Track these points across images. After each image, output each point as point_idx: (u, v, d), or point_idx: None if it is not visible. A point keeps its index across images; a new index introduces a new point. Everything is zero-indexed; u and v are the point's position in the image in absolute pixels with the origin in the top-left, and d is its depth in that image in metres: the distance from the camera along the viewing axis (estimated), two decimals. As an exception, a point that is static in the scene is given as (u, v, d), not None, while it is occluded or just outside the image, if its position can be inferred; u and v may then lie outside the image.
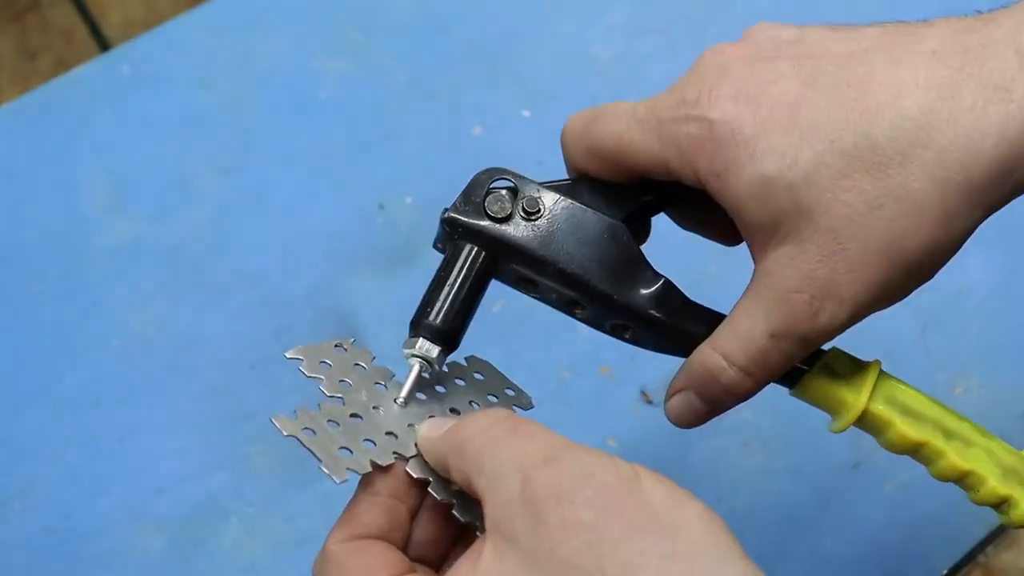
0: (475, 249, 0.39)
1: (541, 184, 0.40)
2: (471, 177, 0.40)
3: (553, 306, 0.41)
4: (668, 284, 0.39)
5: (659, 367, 0.63)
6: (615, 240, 0.39)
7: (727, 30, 0.75)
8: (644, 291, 0.39)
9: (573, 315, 0.41)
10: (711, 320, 0.39)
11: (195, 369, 0.65)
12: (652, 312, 0.39)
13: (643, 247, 0.40)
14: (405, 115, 0.73)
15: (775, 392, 0.39)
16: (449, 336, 0.38)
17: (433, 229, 0.41)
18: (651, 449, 0.63)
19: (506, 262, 0.40)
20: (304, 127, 0.73)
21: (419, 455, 0.36)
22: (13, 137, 0.72)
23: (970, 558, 0.61)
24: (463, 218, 0.39)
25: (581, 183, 0.40)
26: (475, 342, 0.40)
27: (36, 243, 0.69)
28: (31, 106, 0.73)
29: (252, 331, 0.66)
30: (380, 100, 0.74)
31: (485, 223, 0.39)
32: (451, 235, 0.39)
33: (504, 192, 0.39)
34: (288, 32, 0.76)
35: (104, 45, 0.78)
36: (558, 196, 0.39)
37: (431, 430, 0.36)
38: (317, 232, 0.69)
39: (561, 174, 0.41)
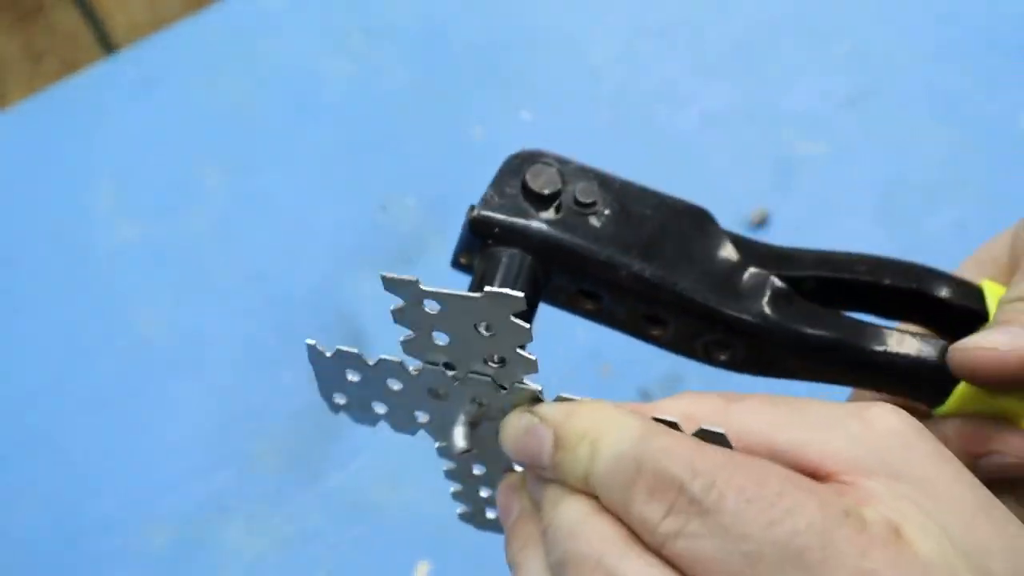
0: (518, 255, 0.29)
1: (596, 169, 0.31)
2: (501, 163, 0.30)
3: (620, 328, 0.32)
4: (779, 285, 0.31)
5: (659, 366, 0.63)
6: (701, 229, 0.30)
7: (727, 32, 0.76)
8: (751, 295, 0.30)
9: (649, 338, 0.32)
10: (848, 326, 0.30)
11: (199, 368, 0.65)
12: (767, 322, 0.30)
13: None
14: (407, 117, 0.74)
15: (772, 383, 0.38)
16: None
17: (434, 229, 0.38)
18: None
19: (559, 271, 0.30)
20: (307, 129, 0.73)
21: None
22: (19, 139, 0.73)
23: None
24: (499, 215, 0.29)
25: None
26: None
27: (42, 243, 0.69)
28: (37, 108, 0.74)
29: (255, 330, 0.66)
30: (382, 102, 0.74)
31: (529, 220, 0.29)
32: (484, 241, 0.30)
33: (550, 167, 0.30)
34: (291, 35, 0.77)
35: (109, 48, 0.79)
36: (617, 178, 0.31)
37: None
38: (320, 233, 0.69)
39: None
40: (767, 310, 0.30)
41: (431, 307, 0.26)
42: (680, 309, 0.30)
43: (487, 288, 0.26)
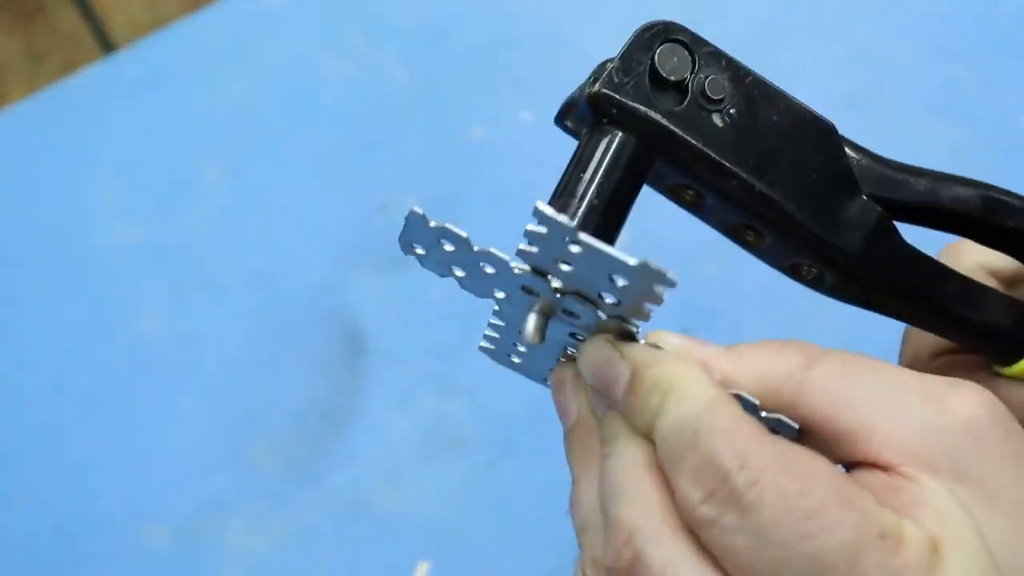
0: (628, 143, 0.28)
1: (729, 56, 0.30)
2: (632, 34, 0.29)
3: (716, 228, 0.31)
4: (884, 219, 0.30)
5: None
6: (821, 148, 0.29)
7: (726, 32, 0.76)
8: (853, 226, 0.29)
9: (744, 243, 0.31)
10: (939, 275, 0.30)
11: (199, 368, 0.65)
12: (862, 257, 0.29)
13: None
14: (407, 117, 0.74)
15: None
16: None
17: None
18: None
19: (668, 162, 0.29)
20: (307, 129, 0.73)
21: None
22: (19, 139, 0.73)
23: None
24: (620, 97, 0.28)
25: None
26: (469, 327, 0.37)
27: (42, 243, 0.69)
28: (37, 108, 0.74)
29: (255, 330, 0.66)
30: (382, 102, 0.74)
31: (650, 107, 0.28)
32: (597, 118, 0.28)
33: (682, 50, 0.29)
34: (291, 35, 0.77)
35: (109, 48, 0.79)
36: (750, 73, 0.29)
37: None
38: (320, 233, 0.69)
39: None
40: (861, 244, 0.29)
41: (573, 248, 0.25)
42: (779, 227, 0.29)
43: (648, 262, 0.24)
